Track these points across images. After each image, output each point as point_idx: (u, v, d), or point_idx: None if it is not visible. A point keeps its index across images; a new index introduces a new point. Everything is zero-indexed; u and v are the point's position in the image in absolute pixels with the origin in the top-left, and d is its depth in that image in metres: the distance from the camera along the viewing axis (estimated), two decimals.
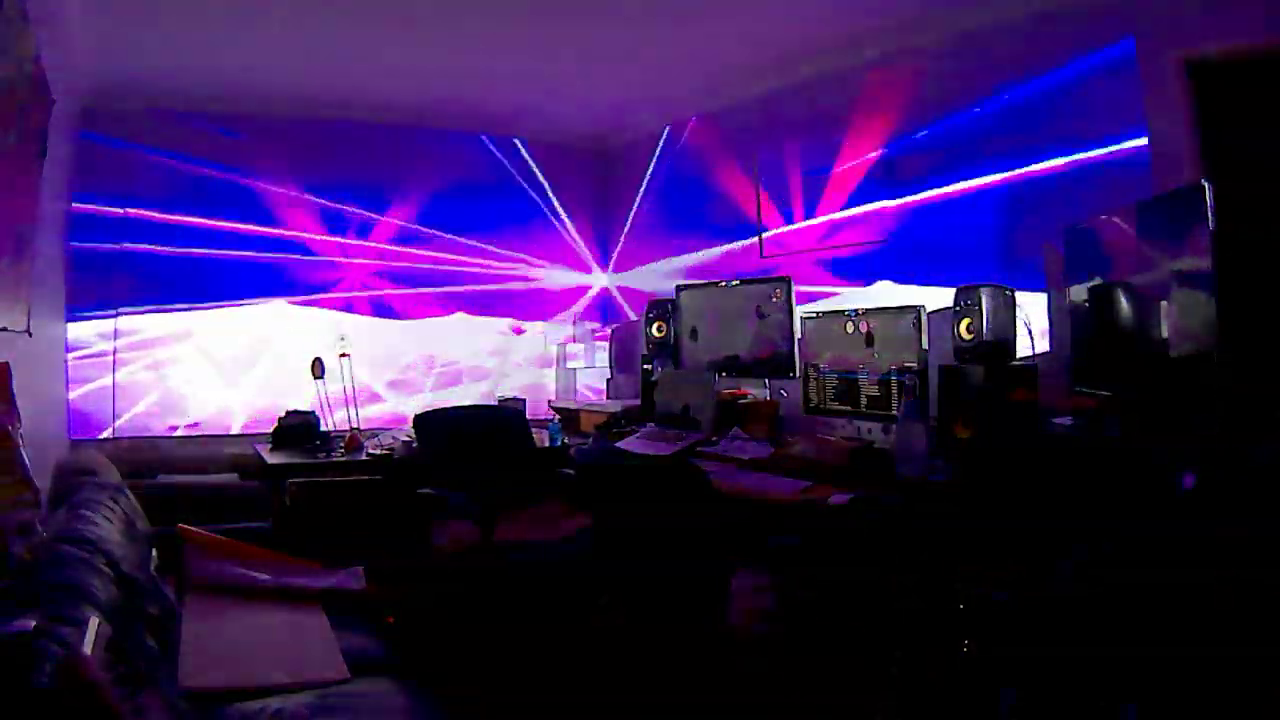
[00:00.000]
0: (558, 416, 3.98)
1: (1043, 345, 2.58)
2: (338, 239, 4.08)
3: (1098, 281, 2.24)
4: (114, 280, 3.54)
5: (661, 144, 4.37)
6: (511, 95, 3.98)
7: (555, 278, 4.67)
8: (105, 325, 3.52)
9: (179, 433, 3.64)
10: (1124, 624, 1.61)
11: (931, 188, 3.06)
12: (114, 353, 3.53)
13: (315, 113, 3.95)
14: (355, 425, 3.55)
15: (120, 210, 3.55)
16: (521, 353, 4.59)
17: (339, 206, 4.09)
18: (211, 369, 3.76)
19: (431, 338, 4.37)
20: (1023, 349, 2.44)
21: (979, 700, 1.78)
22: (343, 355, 3.64)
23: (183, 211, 3.70)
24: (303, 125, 3.96)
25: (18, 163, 1.93)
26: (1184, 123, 2.27)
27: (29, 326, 2.10)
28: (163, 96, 3.56)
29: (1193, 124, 2.26)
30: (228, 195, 3.80)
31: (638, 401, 3.75)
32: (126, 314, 3.57)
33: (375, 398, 4.13)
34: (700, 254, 4.11)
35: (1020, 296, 2.41)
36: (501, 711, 2.33)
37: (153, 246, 3.62)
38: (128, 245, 3.57)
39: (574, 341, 4.48)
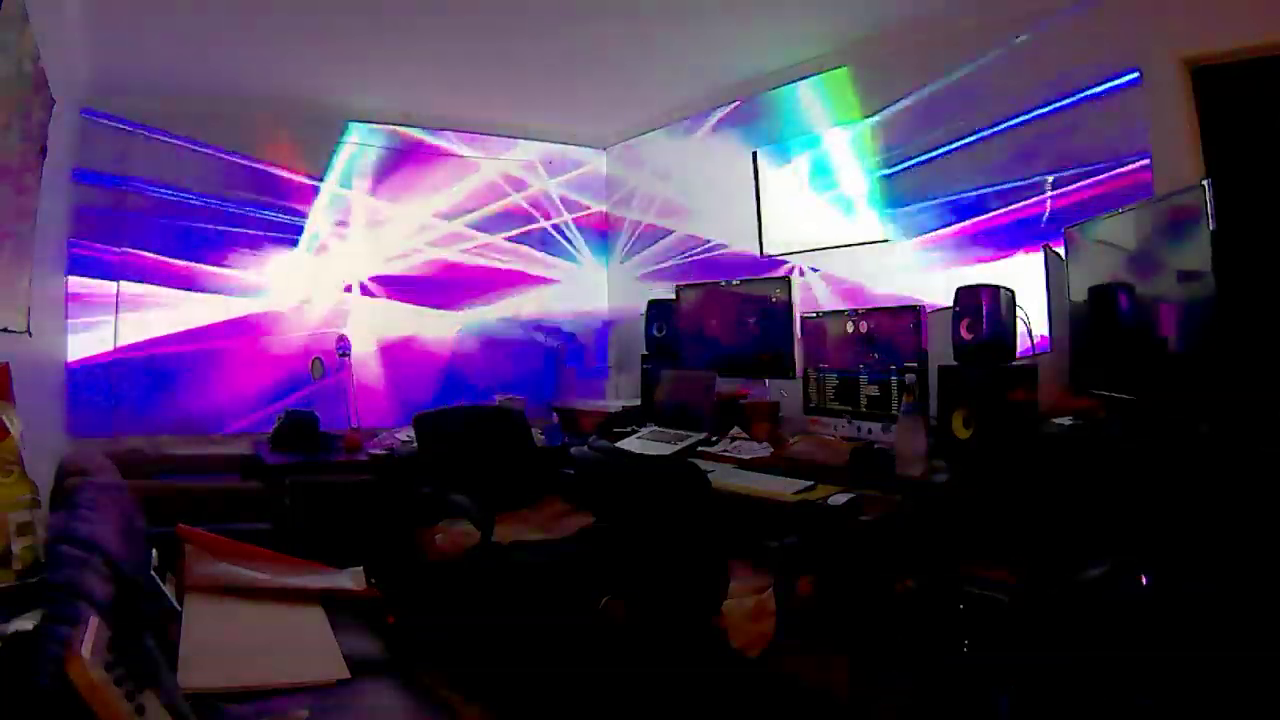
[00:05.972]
0: (557, 416, 3.98)
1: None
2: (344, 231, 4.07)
3: (1098, 281, 2.24)
4: (115, 279, 3.54)
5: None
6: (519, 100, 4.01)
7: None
8: (106, 324, 3.52)
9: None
10: (1125, 626, 1.61)
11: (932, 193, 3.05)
12: (114, 350, 3.52)
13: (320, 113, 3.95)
14: (355, 425, 3.55)
15: (120, 214, 3.55)
16: None
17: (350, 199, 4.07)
18: (212, 367, 3.75)
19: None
20: (1023, 349, 2.44)
21: (979, 701, 1.78)
22: (342, 355, 3.64)
23: (183, 210, 3.69)
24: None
25: (18, 162, 1.93)
26: (1184, 122, 2.27)
27: (29, 326, 2.10)
28: (164, 96, 3.55)
29: (1193, 124, 2.26)
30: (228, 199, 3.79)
31: (638, 401, 3.75)
32: (127, 314, 3.56)
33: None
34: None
35: (1020, 296, 2.41)
36: (501, 711, 2.34)
37: (153, 249, 3.62)
38: (128, 245, 3.56)
39: (574, 341, 4.48)
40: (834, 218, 3.38)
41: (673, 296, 3.72)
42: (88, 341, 3.49)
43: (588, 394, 4.44)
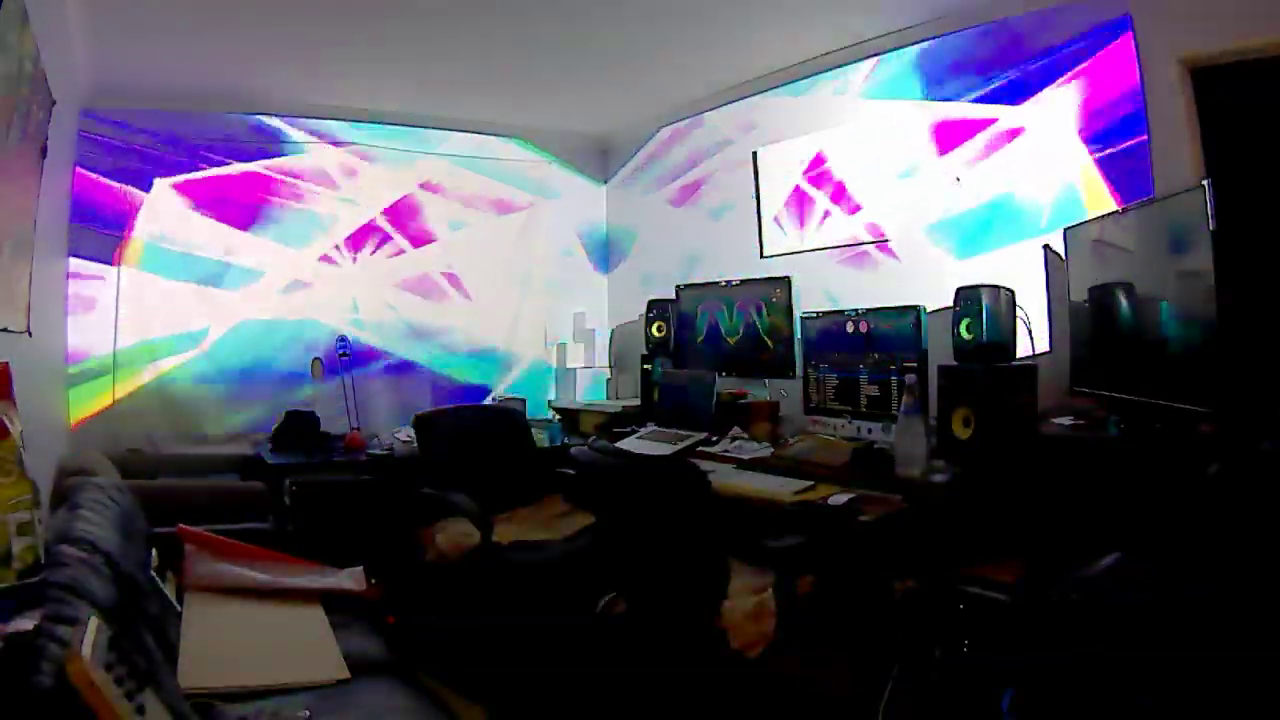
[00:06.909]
0: (557, 416, 3.98)
1: (1043, 345, 2.58)
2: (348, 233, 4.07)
3: (1098, 281, 2.24)
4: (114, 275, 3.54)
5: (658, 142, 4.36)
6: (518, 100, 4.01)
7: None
8: (106, 325, 3.52)
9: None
10: (1125, 626, 1.61)
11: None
12: (114, 351, 3.52)
13: (323, 114, 3.95)
14: (355, 425, 3.55)
15: (118, 220, 3.55)
16: None
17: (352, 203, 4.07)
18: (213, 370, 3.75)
19: None
20: (1023, 349, 2.44)
21: (979, 700, 1.77)
22: (343, 355, 3.64)
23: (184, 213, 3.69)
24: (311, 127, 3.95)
25: (19, 163, 1.93)
26: (1184, 123, 2.27)
27: (29, 327, 2.10)
28: (164, 97, 3.55)
29: (1193, 124, 2.26)
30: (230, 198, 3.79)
31: (638, 401, 3.75)
32: (126, 315, 3.56)
33: None
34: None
35: (1020, 296, 2.41)
36: (501, 711, 2.33)
37: (154, 246, 3.62)
38: (127, 246, 3.56)
39: (574, 340, 4.48)
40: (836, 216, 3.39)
41: (672, 296, 3.72)
42: (88, 340, 3.49)
43: (587, 394, 4.44)
